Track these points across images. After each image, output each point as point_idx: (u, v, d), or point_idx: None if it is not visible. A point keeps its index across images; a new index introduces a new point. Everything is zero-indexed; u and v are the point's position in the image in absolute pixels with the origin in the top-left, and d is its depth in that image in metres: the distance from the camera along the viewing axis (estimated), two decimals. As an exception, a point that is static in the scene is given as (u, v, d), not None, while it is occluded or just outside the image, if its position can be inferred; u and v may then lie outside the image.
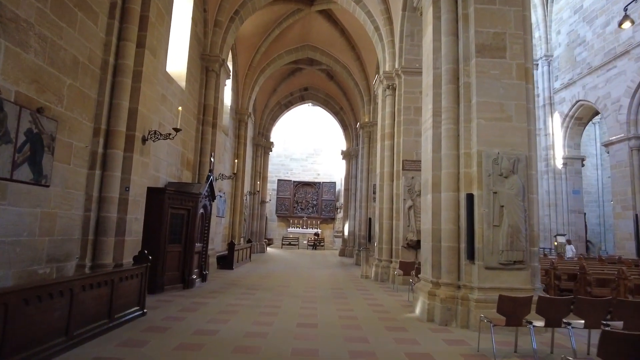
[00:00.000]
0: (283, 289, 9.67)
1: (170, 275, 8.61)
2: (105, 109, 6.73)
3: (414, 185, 11.39)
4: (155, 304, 7.07)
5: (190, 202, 9.10)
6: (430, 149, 7.24)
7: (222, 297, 8.07)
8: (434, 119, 7.25)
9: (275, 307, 7.31)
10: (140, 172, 7.35)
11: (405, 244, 11.25)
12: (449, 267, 6.66)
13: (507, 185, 6.38)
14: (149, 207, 8.02)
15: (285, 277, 11.99)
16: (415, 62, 12.26)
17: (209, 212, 10.27)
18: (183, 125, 11.21)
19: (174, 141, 10.51)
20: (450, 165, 6.89)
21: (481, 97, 6.67)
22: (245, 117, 18.09)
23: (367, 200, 18.19)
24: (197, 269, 9.87)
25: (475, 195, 6.46)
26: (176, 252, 8.83)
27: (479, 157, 6.50)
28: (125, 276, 5.58)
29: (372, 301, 8.33)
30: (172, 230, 8.66)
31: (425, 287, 7.02)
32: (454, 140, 6.94)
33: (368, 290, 9.93)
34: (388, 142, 12.36)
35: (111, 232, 6.67)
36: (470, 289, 6.36)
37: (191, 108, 11.80)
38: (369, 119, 18.00)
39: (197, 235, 9.50)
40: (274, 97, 23.40)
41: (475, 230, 6.40)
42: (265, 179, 24.47)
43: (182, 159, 11.22)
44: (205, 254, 10.21)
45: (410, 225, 11.17)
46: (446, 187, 6.88)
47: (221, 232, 16.03)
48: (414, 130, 11.86)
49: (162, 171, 9.79)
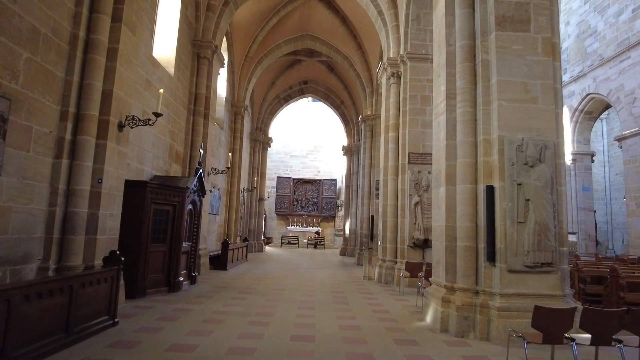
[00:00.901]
0: (278, 292, 8.86)
1: (153, 277, 7.80)
2: (75, 89, 5.90)
3: (421, 179, 10.57)
4: (132, 311, 6.26)
5: (176, 198, 8.28)
6: (444, 136, 6.41)
7: (210, 303, 7.26)
8: (447, 102, 6.42)
9: (267, 315, 6.49)
10: (117, 162, 6.53)
11: (412, 243, 10.43)
12: (466, 270, 5.84)
13: (533, 175, 5.56)
14: (127, 203, 7.21)
15: (281, 279, 11.18)
16: (422, 48, 11.44)
17: (198, 208, 9.45)
18: (172, 116, 10.40)
19: (161, 131, 9.70)
20: (466, 154, 6.06)
21: (502, 76, 5.84)
22: (242, 109, 17.25)
23: (369, 197, 17.36)
24: (185, 271, 9.06)
25: (497, 188, 5.64)
26: (160, 252, 8.02)
27: (501, 144, 5.67)
28: (90, 281, 4.76)
29: (377, 307, 7.52)
30: (155, 228, 7.85)
31: (437, 293, 6.20)
32: (470, 125, 6.11)
33: (372, 293, 9.12)
34: (392, 134, 11.53)
35: (80, 229, 5.86)
36: (491, 295, 5.54)
37: (181, 97, 10.98)
38: (372, 111, 17.16)
39: (184, 234, 8.69)
40: (273, 91, 22.55)
41: (497, 228, 5.58)
42: (264, 175, 23.65)
43: (171, 151, 10.40)
44: (194, 254, 9.40)
45: (417, 222, 10.35)
46: (462, 178, 6.05)
47: (215, 231, 15.22)
48: (421, 120, 11.05)
49: (147, 164, 8.98)
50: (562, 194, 5.75)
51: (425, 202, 10.38)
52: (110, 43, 6.37)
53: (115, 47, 6.40)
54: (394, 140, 11.48)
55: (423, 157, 10.87)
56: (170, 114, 10.24)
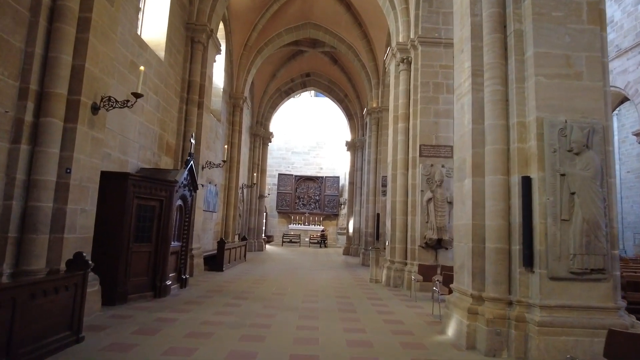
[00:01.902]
0: (277, 297, 7.98)
1: (136, 281, 6.94)
2: (38, 63, 5.03)
3: (434, 174, 9.67)
4: (106, 322, 5.40)
5: (163, 192, 7.41)
6: (469, 120, 5.51)
7: (199, 311, 6.39)
8: (473, 80, 5.52)
9: (264, 326, 5.62)
10: (90, 150, 5.66)
11: (423, 244, 9.54)
12: (497, 276, 4.94)
13: (579, 164, 4.66)
14: (105, 197, 6.35)
15: (282, 282, 10.31)
16: (434, 32, 10.53)
17: (189, 204, 8.58)
18: (162, 104, 9.53)
19: (149, 120, 8.83)
20: (497, 140, 5.16)
21: (540, 48, 4.94)
22: (241, 101, 16.37)
23: (374, 194, 16.47)
24: (175, 273, 8.20)
25: (534, 179, 4.75)
26: (144, 252, 7.15)
27: (539, 127, 4.78)
28: (44, 290, 3.89)
29: (388, 315, 6.64)
30: (139, 226, 6.99)
31: (462, 302, 5.31)
32: (501, 106, 5.21)
33: (381, 299, 8.23)
34: (402, 125, 10.63)
35: (44, 227, 5.00)
36: (528, 306, 4.65)
37: (172, 84, 10.11)
38: (378, 104, 16.25)
39: (173, 232, 7.82)
40: (273, 84, 21.65)
41: (535, 227, 4.69)
42: (264, 171, 22.77)
43: (161, 142, 9.53)
44: (185, 254, 8.54)
45: (430, 221, 9.45)
46: (492, 168, 5.15)
47: (212, 229, 14.37)
48: (433, 110, 10.14)
49: (132, 155, 8.12)
50: (612, 186, 4.84)
51: (439, 199, 9.49)
52: (82, 11, 5.49)
53: (88, 16, 5.52)
54: (404, 132, 10.58)
55: (436, 149, 9.97)
56: (160, 102, 9.37)
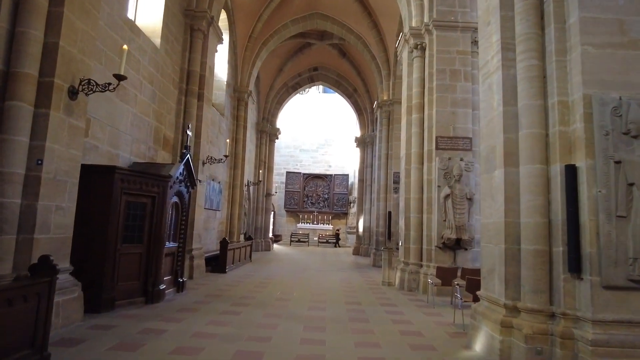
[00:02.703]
0: (281, 303, 7.29)
1: (125, 286, 6.30)
2: (2, 39, 4.41)
3: (452, 168, 8.88)
4: (84, 334, 4.75)
5: (155, 188, 6.76)
6: (499, 101, 4.74)
7: (192, 320, 5.72)
8: (503, 55, 4.75)
9: (263, 339, 4.93)
10: (67, 139, 5.02)
11: (441, 244, 8.77)
12: (535, 283, 4.18)
13: (638, 149, 3.88)
14: (89, 193, 5.73)
15: (287, 285, 9.62)
16: (450, 15, 9.74)
17: (186, 201, 7.93)
18: (159, 94, 8.90)
19: (143, 111, 8.20)
20: (533, 123, 4.39)
21: (586, 12, 4.16)
22: (245, 95, 15.71)
23: (385, 192, 15.70)
24: (170, 276, 7.56)
25: (582, 168, 3.97)
26: (135, 254, 6.51)
27: (587, 106, 4.00)
28: (-6, 302, 3.25)
29: (405, 326, 5.90)
30: (128, 225, 6.35)
31: (492, 313, 4.55)
32: (538, 83, 4.44)
33: (395, 305, 7.49)
34: (416, 116, 9.86)
35: (9, 226, 4.36)
36: (576, 320, 3.89)
37: (170, 73, 9.47)
38: (389, 96, 15.47)
39: (167, 232, 7.18)
40: (280, 78, 20.96)
41: (583, 225, 3.92)
42: (271, 169, 22.11)
43: (157, 135, 8.90)
44: (182, 255, 7.89)
45: (448, 219, 8.67)
46: (528, 157, 4.38)
47: (216, 228, 13.74)
48: (450, 99, 9.36)
49: (124, 148, 7.49)
50: (676, 176, 4.05)
51: (458, 195, 8.71)
52: (55, -18, 4.86)
53: (63, -13, 4.88)
54: (418, 123, 9.81)
55: (454, 141, 9.19)
56: (156, 92, 8.74)
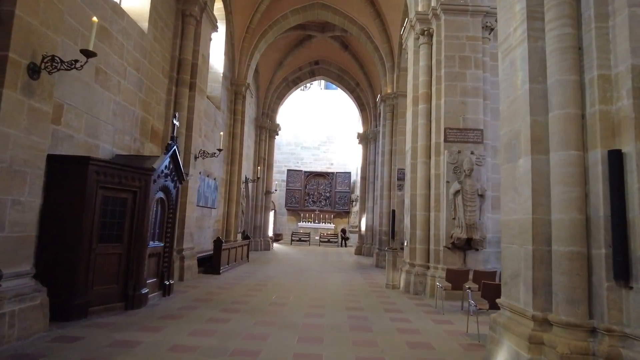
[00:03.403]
0: (276, 309, 6.65)
1: (102, 290, 5.68)
2: (-54, 6, 3.79)
3: (462, 161, 8.22)
4: (42, 349, 4.11)
5: (136, 182, 6.13)
6: (524, 78, 4.07)
7: (173, 329, 5.09)
8: (529, 25, 4.08)
9: (250, 353, 4.28)
10: (27, 124, 4.40)
11: (450, 244, 8.11)
12: (571, 291, 3.52)
13: (700, 131, 3.21)
14: (58, 186, 5.12)
15: (284, 287, 8.99)
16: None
17: (173, 197, 7.30)
18: (146, 83, 8.28)
19: (128, 99, 7.57)
20: (567, 102, 3.72)
21: (632, -31, 3.49)
22: (243, 88, 15.08)
23: (389, 189, 15.03)
24: (156, 279, 6.93)
25: (630, 154, 3.30)
26: (114, 255, 5.89)
27: (636, 80, 3.33)
28: None
29: (413, 336, 5.25)
30: (105, 223, 5.72)
31: (516, 326, 3.89)
32: (572, 55, 3.77)
33: (401, 311, 6.83)
34: (423, 106, 9.19)
35: (-48, 223, 3.76)
36: (623, 338, 3.22)
37: (159, 61, 8.84)
38: (393, 89, 14.80)
39: (150, 231, 6.55)
40: (280, 72, 20.32)
41: (632, 222, 3.25)
42: (271, 166, 21.47)
43: (144, 126, 8.28)
44: (169, 256, 7.27)
45: (458, 217, 8.01)
46: (561, 141, 3.72)
47: (211, 227, 13.12)
48: (460, 87, 8.69)
49: (105, 139, 6.86)
50: None
51: (468, 191, 8.04)
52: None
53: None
54: (425, 114, 9.14)
55: (463, 133, 8.52)
56: (143, 80, 8.11)
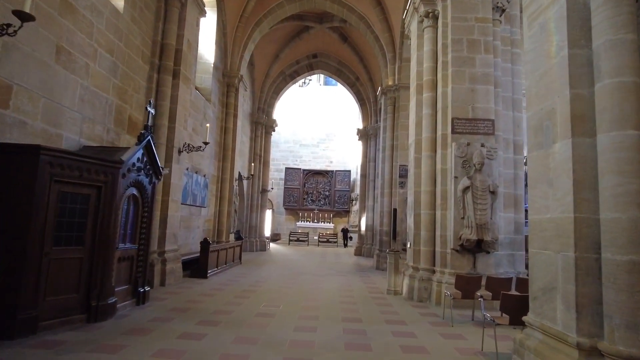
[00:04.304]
0: (262, 320, 5.85)
1: (57, 301, 4.89)
2: None
3: (471, 155, 7.42)
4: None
5: (101, 175, 5.33)
6: (560, 43, 3.26)
7: (135, 349, 4.30)
8: (567, -24, 3.28)
9: (221, 384, 3.49)
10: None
11: (458, 246, 7.31)
12: (632, 314, 2.71)
13: None
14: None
15: (275, 293, 8.19)
16: (468, -24, 8.23)
17: (148, 194, 6.50)
18: (122, 68, 7.49)
19: (100, 85, 6.78)
20: (622, 68, 2.92)
21: None
22: (236, 80, 14.26)
23: (390, 187, 14.21)
24: (127, 286, 6.14)
25: None
26: (73, 260, 5.10)
27: None
28: None
29: (419, 356, 4.45)
30: (62, 223, 4.93)
31: (554, 354, 3.08)
32: (628, 8, 2.96)
33: (404, 322, 6.03)
34: (428, 95, 8.39)
35: None
36: None
37: (138, 45, 8.04)
38: (394, 81, 13.97)
39: (120, 231, 5.76)
40: (277, 65, 19.50)
41: None
42: (267, 163, 20.65)
43: (120, 116, 7.47)
44: (143, 259, 6.46)
45: (467, 216, 7.21)
46: (614, 120, 2.91)
47: (201, 227, 12.31)
48: (469, 74, 7.89)
49: (70, 128, 6.05)
50: None
51: (479, 187, 7.24)
52: None
53: None
54: (430, 104, 8.34)
55: (473, 124, 7.72)
56: (118, 64, 7.31)
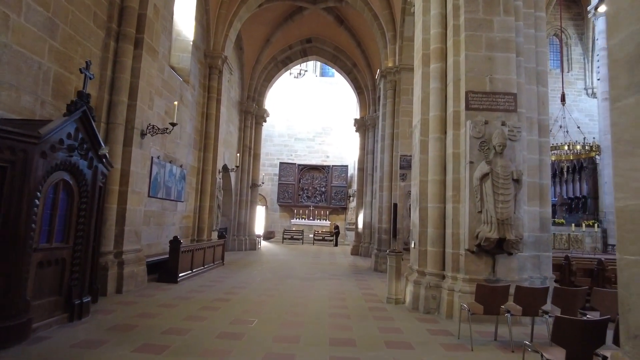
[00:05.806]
0: (223, 346, 4.51)
1: None
2: None
3: (490, 135, 6.09)
4: None
5: (5, 153, 3.97)
6: None
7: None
8: None
9: None
10: None
11: (474, 246, 5.96)
12: None
13: None
14: None
15: (251, 303, 6.85)
16: None
17: (88, 181, 5.14)
18: (66, 29, 6.14)
19: (28, 45, 5.39)
20: None
21: None
22: (219, 61, 12.86)
23: (390, 179, 12.87)
24: (56, 297, 4.79)
25: None
26: (-39, 266, 3.75)
27: None
28: None
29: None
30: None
31: None
32: None
33: (410, 346, 4.70)
34: (436, 66, 7.04)
35: None
36: None
37: (88, 4, 6.66)
38: (395, 62, 12.61)
39: (38, 227, 4.41)
40: (268, 50, 18.09)
41: None
42: (257, 156, 19.27)
43: (61, 87, 6.09)
44: (82, 263, 5.11)
45: (485, 210, 5.87)
46: None
47: (177, 224, 10.96)
48: (485, 39, 6.54)
49: (-20, 95, 4.70)
50: None
51: (500, 174, 5.90)
52: None
53: None
54: (439, 76, 6.99)
55: (492, 98, 6.38)
56: (57, 23, 5.93)
